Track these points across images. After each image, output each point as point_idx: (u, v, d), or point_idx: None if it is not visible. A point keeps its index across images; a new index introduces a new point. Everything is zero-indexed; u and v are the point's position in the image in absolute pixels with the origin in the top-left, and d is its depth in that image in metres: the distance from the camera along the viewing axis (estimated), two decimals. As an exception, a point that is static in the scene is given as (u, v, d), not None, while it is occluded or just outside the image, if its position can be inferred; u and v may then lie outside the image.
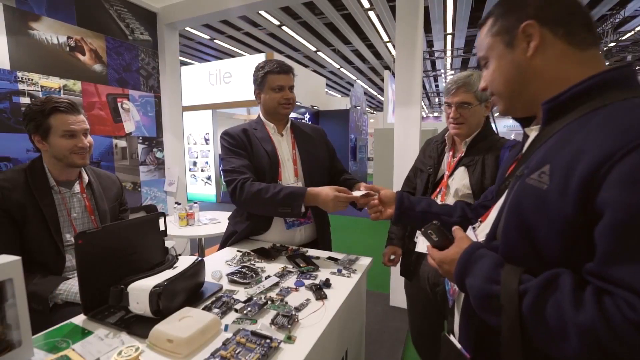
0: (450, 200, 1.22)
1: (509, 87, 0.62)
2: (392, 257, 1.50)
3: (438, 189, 1.30)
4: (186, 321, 0.73)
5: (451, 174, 1.27)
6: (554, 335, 0.45)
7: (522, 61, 0.59)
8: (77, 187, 1.31)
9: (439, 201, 1.25)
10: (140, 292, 0.76)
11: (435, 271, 1.24)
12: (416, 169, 1.45)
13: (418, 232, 1.22)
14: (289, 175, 1.43)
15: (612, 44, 8.80)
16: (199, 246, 2.84)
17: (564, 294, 0.45)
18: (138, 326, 0.76)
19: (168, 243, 3.12)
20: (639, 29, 8.49)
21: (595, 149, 0.45)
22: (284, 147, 1.47)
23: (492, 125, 1.31)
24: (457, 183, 1.23)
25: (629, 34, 8.84)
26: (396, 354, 2.07)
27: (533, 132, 0.63)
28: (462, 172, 1.24)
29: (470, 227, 0.76)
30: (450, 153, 1.33)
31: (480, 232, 0.72)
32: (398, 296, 2.67)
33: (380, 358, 2.04)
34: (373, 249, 4.17)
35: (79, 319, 0.80)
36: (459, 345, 0.67)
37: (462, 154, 1.26)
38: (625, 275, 0.41)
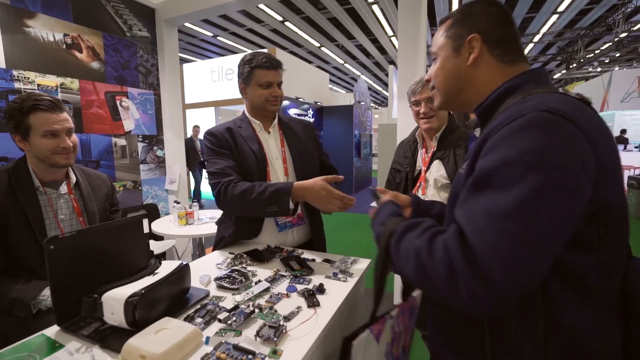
0: (431, 191, 1.37)
1: (447, 87, 0.71)
2: None
3: (418, 183, 1.42)
4: (163, 334, 0.68)
5: (427, 168, 1.40)
6: (403, 260, 0.58)
7: (462, 67, 0.67)
8: (64, 188, 1.26)
9: (420, 193, 1.39)
10: (114, 302, 0.71)
11: None
12: (394, 170, 1.57)
13: None
14: (279, 175, 1.36)
15: (623, 35, 8.52)
16: (199, 245, 2.81)
17: (417, 231, 0.58)
18: (113, 339, 0.70)
19: (169, 242, 3.07)
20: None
21: (485, 130, 0.56)
22: (272, 145, 1.39)
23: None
24: (435, 174, 1.36)
25: (642, 24, 8.56)
26: (399, 357, 2.00)
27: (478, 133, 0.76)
28: (437, 164, 1.37)
29: None
30: (423, 150, 1.46)
31: None
32: (402, 296, 2.60)
33: (383, 361, 1.97)
34: (374, 248, 4.10)
35: (52, 331, 0.75)
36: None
37: (435, 149, 1.39)
38: (457, 213, 0.53)
